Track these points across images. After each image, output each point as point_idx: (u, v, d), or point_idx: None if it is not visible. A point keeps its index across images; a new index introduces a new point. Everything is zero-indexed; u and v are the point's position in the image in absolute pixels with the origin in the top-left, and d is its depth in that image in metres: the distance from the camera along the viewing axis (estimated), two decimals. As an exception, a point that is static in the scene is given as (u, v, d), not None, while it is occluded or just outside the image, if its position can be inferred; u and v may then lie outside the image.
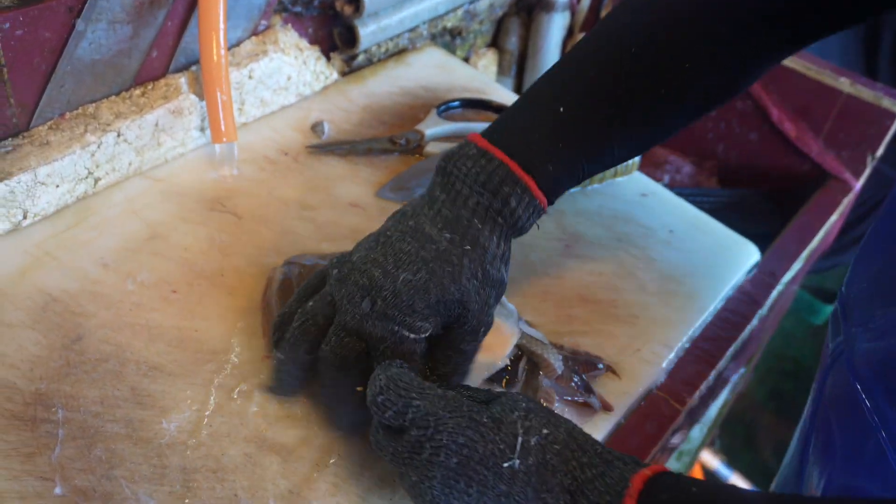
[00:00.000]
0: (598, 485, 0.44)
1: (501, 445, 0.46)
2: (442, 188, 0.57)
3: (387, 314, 0.53)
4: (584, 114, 0.57)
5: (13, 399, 0.55)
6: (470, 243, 0.56)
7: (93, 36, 0.66)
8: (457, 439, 0.46)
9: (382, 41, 0.92)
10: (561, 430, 0.47)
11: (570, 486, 0.44)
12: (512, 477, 0.45)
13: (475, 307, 0.56)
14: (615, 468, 0.44)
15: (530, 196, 0.56)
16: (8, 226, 0.65)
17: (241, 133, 0.79)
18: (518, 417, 0.47)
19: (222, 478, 0.54)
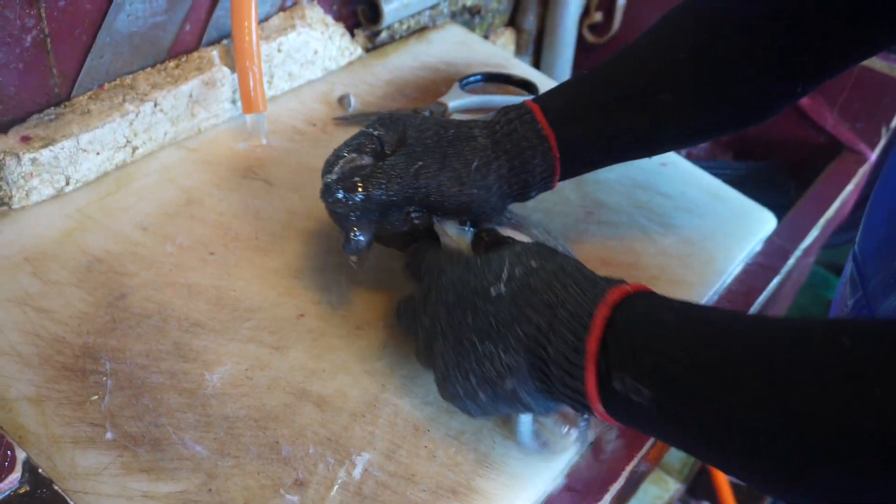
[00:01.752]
0: (578, 297, 0.47)
1: (490, 277, 0.52)
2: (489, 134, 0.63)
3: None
4: (621, 110, 0.62)
5: (63, 352, 0.58)
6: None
7: (130, 8, 0.68)
8: (453, 279, 0.53)
9: (405, 18, 0.94)
10: (550, 263, 0.51)
11: (550, 301, 0.48)
12: (499, 299, 0.50)
13: (424, 139, 0.61)
14: (598, 285, 0.48)
15: (532, 116, 0.62)
16: (52, 191, 0.67)
17: (270, 105, 0.81)
18: (508, 255, 0.52)
19: (264, 426, 0.56)
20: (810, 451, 0.37)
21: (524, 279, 0.50)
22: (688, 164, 0.88)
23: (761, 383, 0.39)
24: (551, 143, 0.61)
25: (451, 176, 0.60)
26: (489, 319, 0.50)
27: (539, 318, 0.48)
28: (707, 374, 0.41)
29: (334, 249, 0.69)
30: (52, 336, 0.58)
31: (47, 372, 0.56)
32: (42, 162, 0.65)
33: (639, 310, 0.46)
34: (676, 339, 0.43)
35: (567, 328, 0.46)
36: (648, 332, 0.44)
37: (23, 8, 0.61)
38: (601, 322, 0.45)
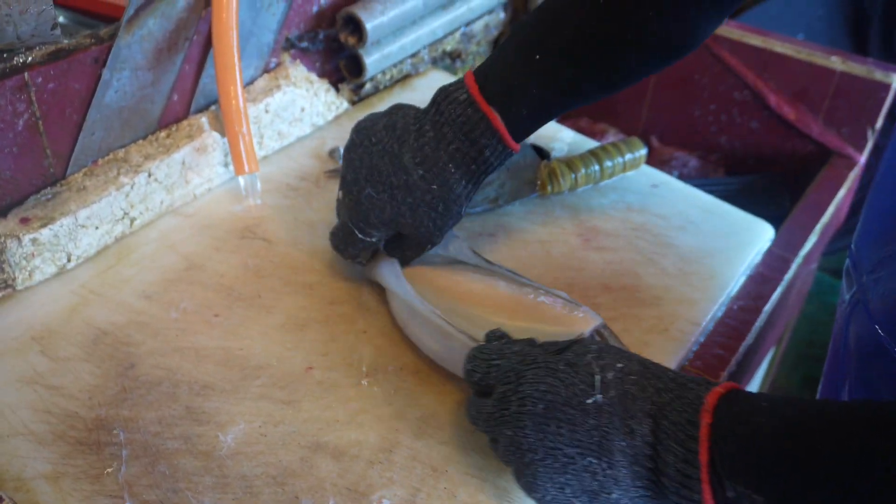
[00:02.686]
0: (676, 406, 0.47)
1: (581, 385, 0.50)
2: (432, 124, 0.64)
3: (349, 208, 0.66)
4: (557, 61, 0.62)
5: (76, 427, 0.58)
6: (438, 184, 0.63)
7: (118, 84, 0.70)
8: (538, 387, 0.51)
9: (387, 68, 0.96)
10: (634, 362, 0.51)
11: (650, 410, 0.48)
12: (598, 411, 0.49)
13: (425, 231, 0.65)
14: (690, 390, 0.48)
15: (503, 146, 0.63)
16: (54, 269, 0.68)
17: (263, 165, 0.83)
18: (592, 359, 0.51)
19: (282, 482, 0.56)
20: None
21: (619, 385, 0.49)
22: (680, 183, 0.88)
23: (861, 481, 0.40)
24: (512, 152, 0.64)
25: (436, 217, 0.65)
26: (590, 433, 0.48)
27: (643, 429, 0.47)
28: (808, 475, 0.42)
29: (337, 300, 0.70)
30: (64, 412, 0.59)
31: (62, 448, 0.56)
32: (42, 241, 0.66)
33: (734, 413, 0.46)
34: (774, 444, 0.44)
35: (675, 440, 0.46)
36: (748, 438, 0.44)
37: (13, 93, 0.63)
38: (706, 431, 0.45)
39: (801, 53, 1.03)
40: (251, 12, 0.78)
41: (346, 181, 0.67)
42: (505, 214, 0.81)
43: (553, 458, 0.49)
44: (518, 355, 0.54)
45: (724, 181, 1.10)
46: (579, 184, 0.84)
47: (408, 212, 0.64)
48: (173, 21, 0.71)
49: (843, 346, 0.63)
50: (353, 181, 0.65)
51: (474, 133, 0.62)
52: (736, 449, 0.44)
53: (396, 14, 0.90)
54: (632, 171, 0.87)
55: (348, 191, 0.66)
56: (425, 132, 0.64)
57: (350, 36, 0.89)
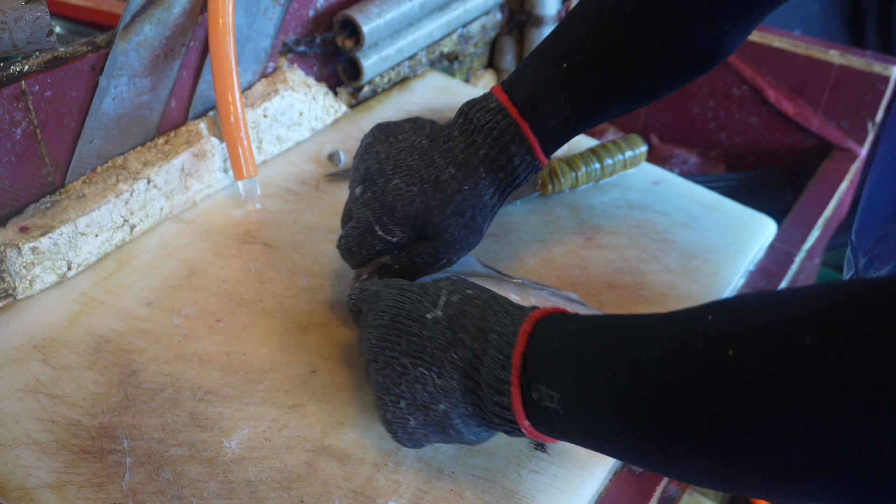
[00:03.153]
0: (506, 321, 0.51)
1: (426, 303, 0.54)
2: (460, 131, 0.63)
3: (371, 203, 0.63)
4: (585, 70, 0.62)
5: (80, 435, 0.57)
6: (470, 185, 0.62)
7: (115, 91, 0.70)
8: (388, 303, 0.55)
9: (385, 71, 0.95)
10: (485, 294, 0.54)
11: (482, 326, 0.51)
12: (434, 324, 0.53)
13: (449, 238, 0.63)
14: (522, 310, 0.52)
15: (532, 157, 0.63)
16: (55, 277, 0.68)
17: (262, 170, 0.82)
18: (445, 283, 0.55)
19: (287, 487, 0.55)
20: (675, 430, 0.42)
21: (460, 305, 0.53)
22: (681, 180, 0.88)
23: (638, 369, 0.43)
24: (541, 166, 0.64)
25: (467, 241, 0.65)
26: (423, 344, 0.52)
27: (473, 342, 0.51)
28: (599, 368, 0.45)
29: (339, 303, 0.69)
30: (68, 420, 0.58)
31: (65, 457, 0.56)
32: (42, 250, 0.66)
33: (555, 323, 0.49)
34: (576, 344, 0.47)
35: (496, 348, 0.49)
36: (556, 342, 0.48)
37: (10, 102, 0.63)
38: (524, 338, 0.49)
39: (799, 48, 1.03)
40: (248, 17, 0.78)
41: (368, 174, 0.64)
42: (506, 214, 0.81)
43: (391, 367, 0.53)
44: (382, 283, 0.58)
45: (724, 177, 1.09)
46: (580, 182, 0.83)
47: (437, 208, 0.62)
48: (170, 27, 0.71)
49: None
50: (379, 172, 0.63)
51: (504, 139, 0.61)
52: (542, 351, 0.48)
53: (393, 16, 0.90)
54: (632, 169, 0.87)
55: (372, 183, 0.63)
56: (454, 136, 0.63)
57: (347, 39, 0.89)
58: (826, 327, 0.36)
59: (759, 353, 0.37)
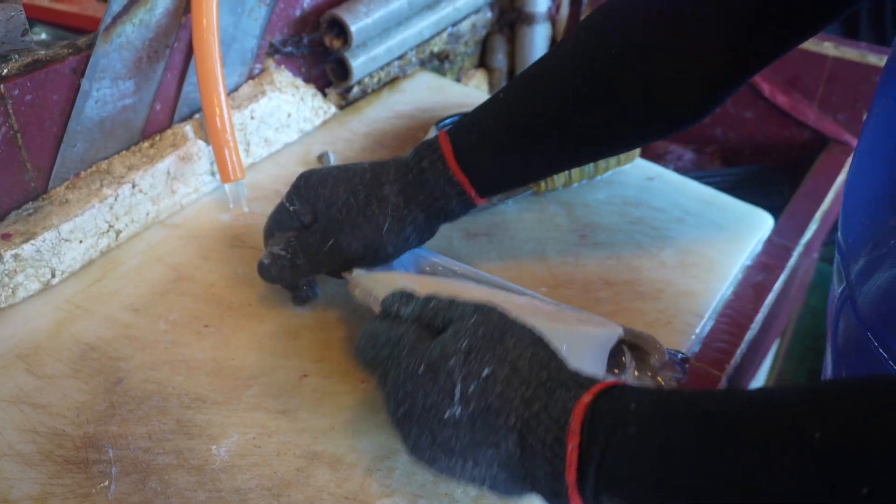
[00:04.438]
0: (543, 418, 0.44)
1: (440, 395, 0.46)
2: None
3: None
4: (519, 100, 0.62)
5: (64, 445, 0.56)
6: (372, 174, 0.63)
7: (98, 94, 0.68)
8: (398, 393, 0.48)
9: (374, 71, 0.94)
10: (505, 365, 0.46)
11: (515, 424, 0.44)
12: (456, 424, 0.46)
13: (335, 216, 0.62)
14: (557, 398, 0.44)
15: (444, 164, 0.62)
16: (38, 285, 0.66)
17: (250, 173, 0.81)
18: (456, 363, 0.47)
19: (278, 494, 0.54)
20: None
21: (480, 397, 0.46)
22: (676, 175, 0.87)
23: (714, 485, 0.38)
24: (465, 188, 0.62)
25: (364, 243, 0.61)
26: (450, 443, 0.46)
27: (508, 444, 0.45)
28: (665, 481, 0.40)
29: (330, 306, 0.68)
30: (51, 431, 0.57)
31: (49, 468, 0.54)
32: (25, 257, 0.64)
33: (603, 424, 0.42)
34: (637, 450, 0.41)
35: (542, 457, 0.43)
36: (618, 453, 0.41)
37: (-11, 106, 0.61)
38: (574, 453, 0.42)
39: (793, 40, 1.01)
40: (232, 18, 0.77)
41: None
42: (499, 213, 0.79)
43: (419, 454, 0.48)
44: (388, 344, 0.51)
45: (720, 173, 1.08)
46: (574, 179, 0.82)
47: (331, 184, 0.63)
48: (152, 28, 0.70)
49: (833, 343, 0.62)
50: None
51: (422, 150, 0.63)
52: (606, 465, 0.41)
53: (381, 15, 0.89)
54: (627, 165, 0.85)
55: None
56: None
57: (335, 39, 0.88)
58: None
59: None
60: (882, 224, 0.55)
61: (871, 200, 0.57)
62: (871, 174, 0.56)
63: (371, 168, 0.64)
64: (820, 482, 0.34)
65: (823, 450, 0.35)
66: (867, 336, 0.55)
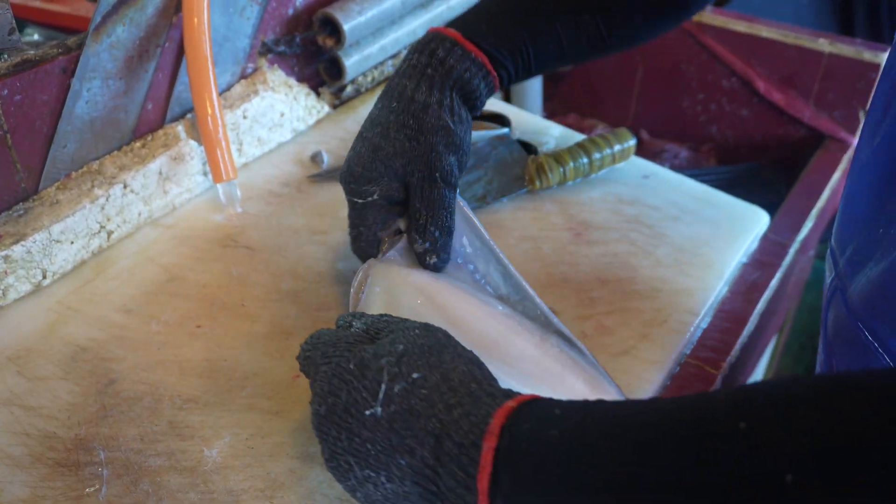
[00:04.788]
0: (462, 424, 0.42)
1: (364, 393, 0.45)
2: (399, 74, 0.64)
3: (344, 184, 0.63)
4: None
5: (55, 448, 0.55)
6: (397, 100, 0.61)
7: (88, 94, 0.68)
8: (324, 387, 0.47)
9: (367, 70, 0.94)
10: (436, 373, 0.45)
11: (434, 429, 0.43)
12: (375, 424, 0.44)
13: (416, 157, 0.60)
14: (482, 405, 0.43)
15: (461, 48, 0.61)
16: (29, 286, 0.66)
17: (243, 172, 0.81)
18: (386, 364, 0.46)
19: (271, 495, 0.53)
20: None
21: (404, 399, 0.44)
22: (671, 173, 0.86)
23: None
24: (488, 67, 0.62)
25: (454, 153, 0.62)
26: (365, 446, 0.45)
27: (423, 450, 0.43)
28: (582, 489, 0.38)
29: (323, 306, 0.68)
30: (42, 433, 0.56)
31: (40, 470, 0.54)
32: (15, 258, 0.64)
33: (524, 431, 0.41)
34: (554, 459, 0.39)
35: (455, 464, 0.42)
36: (533, 457, 0.40)
37: (-21, 107, 0.61)
38: (489, 455, 0.40)
39: (788, 37, 1.01)
40: (224, 17, 0.77)
41: None
42: (493, 212, 0.79)
43: (336, 461, 0.46)
44: (326, 344, 0.50)
45: (716, 170, 1.08)
46: (568, 178, 0.82)
47: (385, 148, 0.61)
48: (143, 28, 0.70)
49: (824, 333, 0.62)
50: (352, 147, 0.64)
51: (431, 44, 0.62)
52: (518, 471, 0.40)
53: (374, 14, 0.88)
54: (621, 163, 0.85)
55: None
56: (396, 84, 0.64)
57: (328, 38, 0.88)
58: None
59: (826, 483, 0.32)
60: (873, 216, 0.55)
61: (865, 194, 0.57)
62: (868, 167, 0.56)
63: (388, 98, 0.62)
64: (745, 472, 0.34)
65: (747, 440, 0.34)
66: (857, 326, 0.55)
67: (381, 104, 0.63)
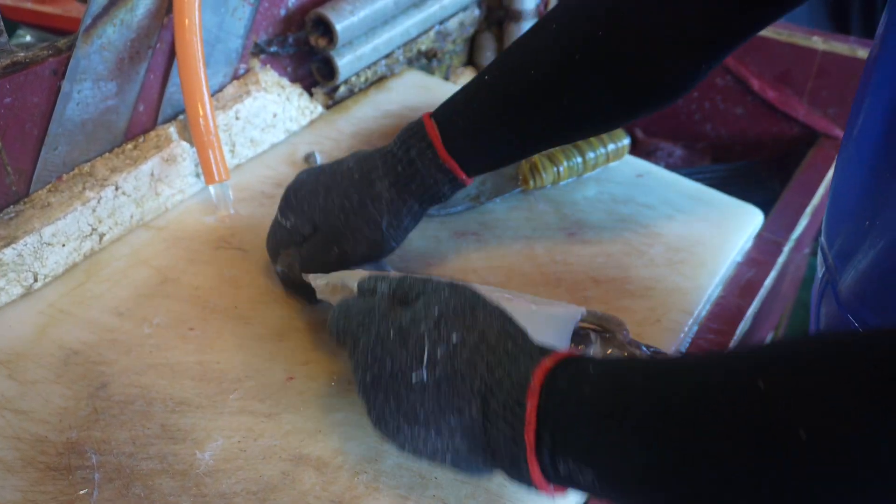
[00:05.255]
0: (505, 384, 0.45)
1: (408, 359, 0.47)
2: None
3: (283, 199, 0.66)
4: (503, 78, 0.62)
5: (46, 452, 0.55)
6: (361, 174, 0.63)
7: (79, 96, 0.68)
8: (367, 357, 0.49)
9: (360, 70, 0.93)
10: (474, 333, 0.47)
11: (480, 388, 0.45)
12: (422, 389, 0.46)
13: (334, 224, 0.63)
14: (520, 364, 0.45)
15: (433, 152, 0.62)
16: (20, 290, 0.66)
17: (236, 174, 0.80)
18: (426, 329, 0.48)
19: (264, 498, 0.53)
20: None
21: (447, 362, 0.47)
22: (665, 172, 0.86)
23: (671, 452, 0.39)
24: (456, 174, 0.63)
25: (367, 244, 0.63)
26: (415, 409, 0.47)
27: (471, 410, 0.45)
28: (626, 439, 0.40)
29: (316, 307, 0.67)
30: (34, 437, 0.56)
31: (31, 475, 0.54)
32: (6, 261, 0.64)
33: (562, 388, 0.43)
34: (595, 413, 0.42)
35: (503, 420, 0.44)
36: (574, 411, 0.42)
37: (-32, 109, 0.61)
38: (532, 413, 0.43)
39: (782, 35, 1.01)
40: (216, 18, 0.76)
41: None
42: (487, 212, 0.79)
43: (384, 423, 0.48)
44: (360, 314, 0.52)
45: (710, 169, 1.08)
46: (562, 177, 0.82)
47: (323, 193, 0.64)
48: (134, 29, 0.69)
49: (815, 327, 0.62)
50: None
51: (408, 139, 0.63)
52: (562, 425, 0.42)
53: (367, 14, 0.88)
54: (615, 162, 0.85)
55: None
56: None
57: (320, 38, 0.87)
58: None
59: (839, 438, 0.33)
60: (860, 208, 0.55)
61: (851, 186, 0.57)
62: (853, 160, 0.56)
63: (357, 166, 0.64)
64: (761, 430, 0.35)
65: (765, 398, 0.35)
66: (847, 318, 0.55)
67: (351, 163, 0.65)
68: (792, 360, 0.37)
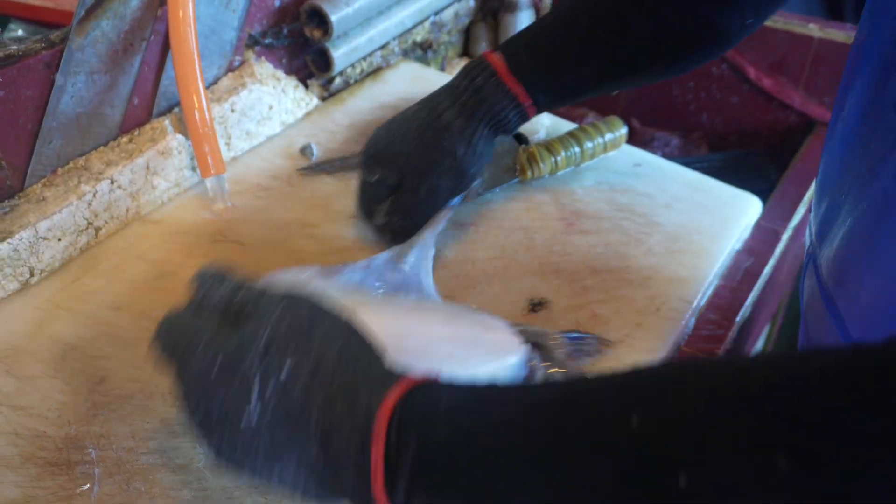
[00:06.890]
0: (346, 423, 0.40)
1: (236, 400, 0.42)
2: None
3: (362, 158, 0.71)
4: (571, 15, 0.66)
5: (45, 447, 0.55)
6: (428, 110, 0.68)
7: (73, 89, 0.67)
8: (192, 397, 0.44)
9: (356, 61, 0.93)
10: (308, 361, 0.42)
11: (317, 428, 0.41)
12: (254, 434, 0.42)
13: (414, 163, 0.67)
14: (360, 397, 0.40)
15: (497, 79, 0.65)
16: (16, 285, 0.65)
17: (232, 167, 0.80)
18: (254, 360, 0.42)
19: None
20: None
21: (280, 397, 0.41)
22: (663, 161, 0.86)
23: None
24: (521, 99, 0.66)
25: (449, 175, 0.67)
26: (253, 449, 0.42)
27: (310, 453, 0.41)
28: (479, 482, 0.38)
29: (315, 299, 0.67)
30: (32, 433, 0.56)
31: (30, 471, 0.53)
32: (2, 256, 0.63)
33: (411, 426, 0.39)
34: (449, 459, 0.39)
35: (350, 464, 0.40)
36: (427, 458, 0.39)
37: (-39, 103, 0.60)
38: (379, 460, 0.39)
39: (778, 22, 1.01)
40: (210, 9, 0.76)
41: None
42: (485, 203, 0.78)
43: (224, 461, 0.44)
44: (185, 333, 0.46)
45: (707, 158, 1.08)
46: (560, 167, 0.81)
47: (398, 137, 0.68)
48: (127, 21, 0.69)
49: (802, 305, 0.62)
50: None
51: (472, 70, 0.66)
52: (411, 472, 0.38)
53: (362, 5, 0.88)
54: (613, 151, 0.85)
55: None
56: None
57: (315, 29, 0.87)
58: None
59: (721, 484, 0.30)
60: (841, 180, 0.55)
61: (836, 161, 0.57)
62: (837, 136, 0.57)
63: (425, 105, 0.68)
64: (638, 473, 0.32)
65: (642, 439, 0.32)
66: (823, 294, 0.56)
67: (418, 106, 0.69)
68: (671, 390, 0.33)
